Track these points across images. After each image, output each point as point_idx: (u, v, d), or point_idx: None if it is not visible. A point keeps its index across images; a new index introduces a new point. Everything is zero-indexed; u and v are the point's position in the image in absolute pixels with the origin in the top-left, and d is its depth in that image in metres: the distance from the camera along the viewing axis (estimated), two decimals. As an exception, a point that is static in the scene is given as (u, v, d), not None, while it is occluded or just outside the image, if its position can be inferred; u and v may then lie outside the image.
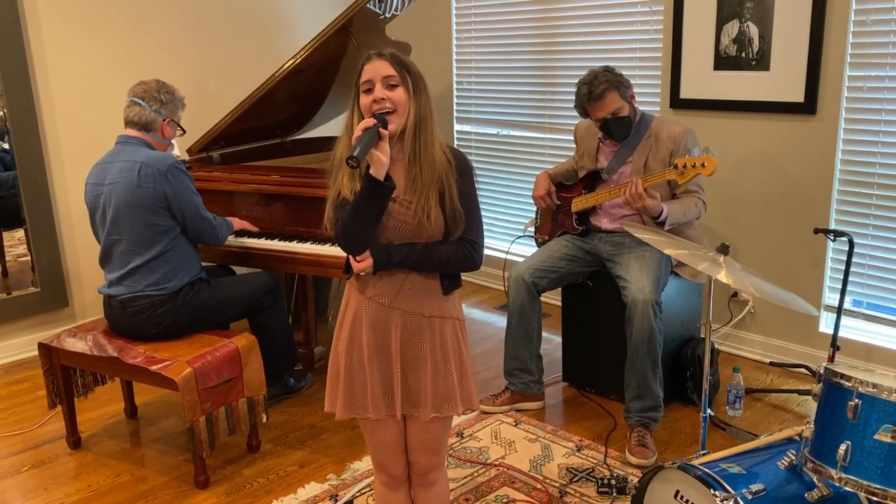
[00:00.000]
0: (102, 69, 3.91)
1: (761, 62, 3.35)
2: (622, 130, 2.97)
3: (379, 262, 1.81)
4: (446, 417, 1.92)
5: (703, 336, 3.21)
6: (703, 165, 2.66)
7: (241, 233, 3.23)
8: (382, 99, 1.77)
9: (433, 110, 1.83)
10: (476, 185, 1.88)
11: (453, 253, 1.84)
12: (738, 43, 3.40)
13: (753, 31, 3.35)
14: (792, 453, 1.90)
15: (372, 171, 1.73)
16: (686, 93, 3.63)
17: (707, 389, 2.20)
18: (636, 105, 3.01)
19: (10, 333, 3.79)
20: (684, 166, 2.71)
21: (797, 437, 1.99)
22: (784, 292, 2.04)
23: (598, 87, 2.87)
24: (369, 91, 1.79)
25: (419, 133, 1.79)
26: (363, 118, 1.78)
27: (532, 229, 3.53)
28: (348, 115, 1.85)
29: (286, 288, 3.72)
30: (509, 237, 4.47)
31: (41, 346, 2.85)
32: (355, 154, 1.65)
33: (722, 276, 1.98)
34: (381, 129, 1.72)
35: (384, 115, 1.76)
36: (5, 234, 3.81)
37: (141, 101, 2.79)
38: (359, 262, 1.81)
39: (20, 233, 3.81)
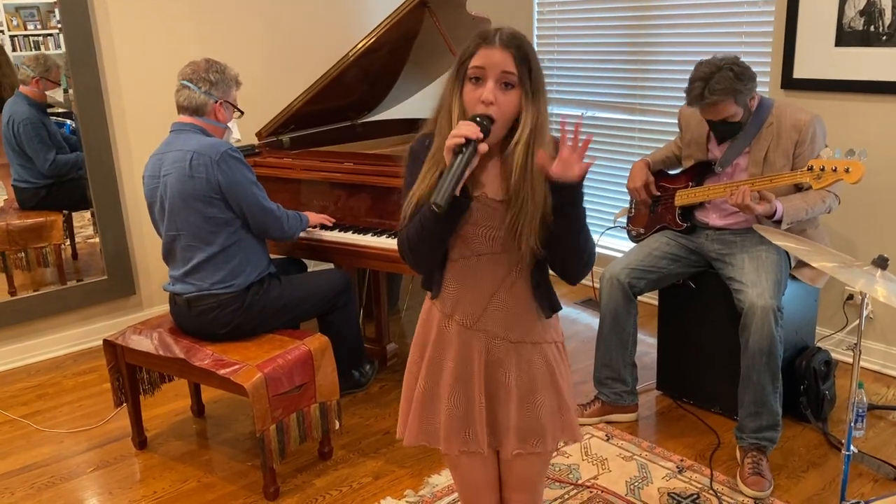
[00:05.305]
0: (169, 51, 3.75)
1: (894, 37, 2.95)
2: (727, 134, 2.63)
3: None
4: (542, 452, 1.67)
5: (824, 350, 2.88)
6: (846, 171, 2.26)
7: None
8: (491, 103, 1.44)
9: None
10: None
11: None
12: (867, 15, 3.00)
13: (886, 1, 2.94)
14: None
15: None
16: (801, 72, 3.24)
17: (852, 421, 1.90)
18: (756, 93, 2.62)
19: (79, 321, 3.70)
20: (822, 169, 2.32)
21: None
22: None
23: (713, 95, 2.45)
24: (478, 80, 1.46)
25: (533, 146, 1.46)
26: (463, 110, 1.47)
27: (623, 220, 3.23)
28: (447, 91, 1.51)
29: (357, 279, 3.52)
30: (597, 228, 4.15)
31: (106, 342, 2.70)
32: (439, 201, 1.35)
33: (883, 296, 1.67)
34: (479, 146, 1.39)
35: (487, 124, 1.43)
36: (75, 215, 3.73)
37: (190, 84, 2.57)
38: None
39: (88, 214, 3.72)
